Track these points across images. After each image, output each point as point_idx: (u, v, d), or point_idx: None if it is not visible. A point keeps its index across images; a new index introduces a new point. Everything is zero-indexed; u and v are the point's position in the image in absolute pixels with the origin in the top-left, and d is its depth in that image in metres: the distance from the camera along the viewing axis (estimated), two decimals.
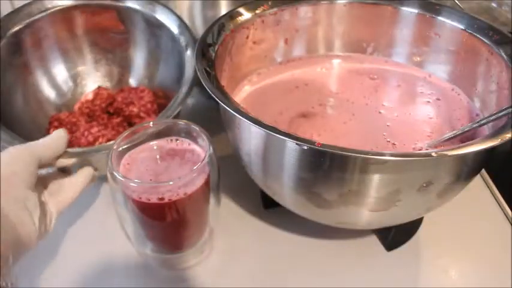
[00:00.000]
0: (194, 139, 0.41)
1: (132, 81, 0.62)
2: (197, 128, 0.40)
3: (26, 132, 0.48)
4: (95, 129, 0.54)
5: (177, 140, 0.41)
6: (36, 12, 0.56)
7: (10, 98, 0.54)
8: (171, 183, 0.36)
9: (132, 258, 0.46)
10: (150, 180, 0.38)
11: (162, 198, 0.37)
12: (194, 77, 0.50)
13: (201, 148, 0.40)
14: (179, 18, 0.56)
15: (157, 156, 0.40)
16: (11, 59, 0.55)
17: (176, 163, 0.39)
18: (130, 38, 0.61)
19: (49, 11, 0.57)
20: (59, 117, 0.56)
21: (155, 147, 0.41)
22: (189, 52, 0.53)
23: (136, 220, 0.40)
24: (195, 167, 0.37)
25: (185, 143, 0.41)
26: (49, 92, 0.59)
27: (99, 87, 0.61)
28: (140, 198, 0.37)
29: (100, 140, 0.52)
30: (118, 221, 0.44)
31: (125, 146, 0.40)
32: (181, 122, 0.40)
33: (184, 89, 0.49)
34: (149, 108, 0.57)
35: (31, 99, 0.57)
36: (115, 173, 0.37)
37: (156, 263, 0.45)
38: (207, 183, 0.39)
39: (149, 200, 0.37)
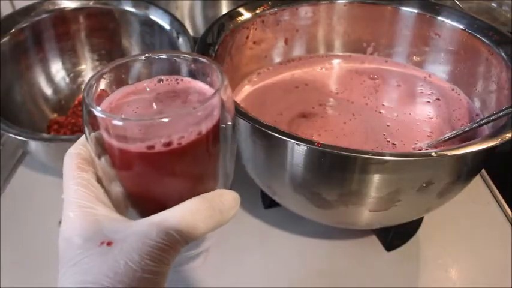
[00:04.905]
0: (201, 77, 0.29)
1: (129, 80, 0.63)
2: (205, 60, 0.28)
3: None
4: None
5: (177, 79, 0.29)
6: (37, 13, 0.57)
7: (8, 96, 0.54)
8: (167, 119, 0.24)
9: None
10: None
11: (169, 143, 0.25)
12: None
13: (211, 87, 0.28)
14: (171, 15, 0.57)
15: (152, 99, 0.28)
16: (11, 57, 0.55)
17: (177, 106, 0.28)
18: (126, 37, 0.62)
19: (50, 13, 0.58)
20: (57, 120, 0.57)
21: (148, 88, 0.29)
22: (181, 41, 0.55)
23: (120, 182, 0.29)
24: (203, 101, 0.25)
25: (189, 82, 0.29)
26: (47, 91, 0.59)
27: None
28: (137, 148, 0.25)
29: None
30: None
31: (106, 86, 0.28)
32: (185, 55, 0.29)
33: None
34: None
35: (29, 98, 0.57)
36: (93, 110, 0.24)
37: None
38: (217, 127, 0.28)
39: (150, 149, 0.25)
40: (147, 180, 0.28)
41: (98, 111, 0.24)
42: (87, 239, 0.24)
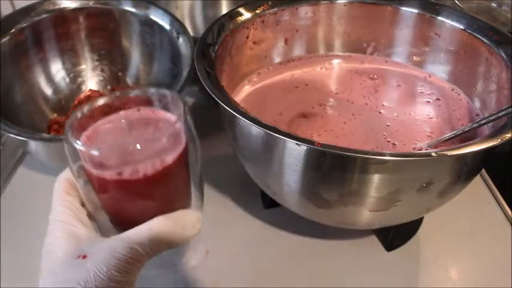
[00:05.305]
0: (168, 107, 0.34)
1: (129, 80, 0.63)
2: (169, 93, 0.33)
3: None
4: None
5: (146, 109, 0.34)
6: (37, 13, 0.57)
7: (8, 96, 0.54)
8: (138, 147, 0.29)
9: None
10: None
11: (136, 171, 0.30)
12: (191, 68, 0.51)
13: (177, 116, 0.33)
14: (171, 15, 0.57)
15: (126, 127, 0.33)
16: (11, 57, 0.55)
17: (150, 134, 0.32)
18: (126, 37, 0.62)
19: (50, 13, 0.58)
20: (57, 120, 0.57)
21: (123, 118, 0.33)
22: (181, 41, 0.55)
23: (105, 212, 0.33)
24: (165, 130, 0.30)
25: (159, 112, 0.34)
26: (47, 91, 0.59)
27: (90, 90, 0.62)
28: (108, 175, 0.30)
29: None
30: None
31: (85, 121, 0.32)
32: (151, 89, 0.34)
33: (181, 79, 0.50)
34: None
35: (29, 98, 0.57)
36: (74, 143, 0.29)
37: None
38: (184, 153, 0.32)
39: (120, 176, 0.29)
40: (121, 202, 0.32)
41: (78, 145, 0.29)
42: (67, 253, 0.29)
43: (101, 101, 0.33)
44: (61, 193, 0.32)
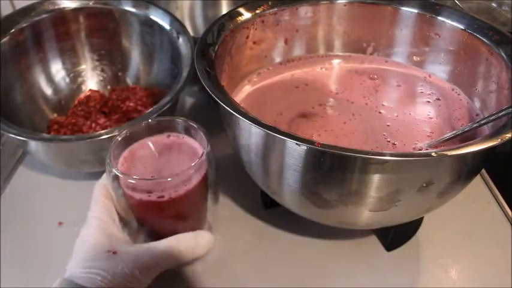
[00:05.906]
0: (192, 135, 0.41)
1: (129, 80, 0.63)
2: (195, 125, 0.40)
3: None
4: (102, 120, 0.55)
5: (174, 135, 0.42)
6: (37, 13, 0.57)
7: (8, 96, 0.54)
8: (169, 179, 0.36)
9: None
10: (152, 176, 0.38)
11: (162, 196, 0.37)
12: (191, 68, 0.51)
13: (199, 144, 0.41)
14: (171, 15, 0.57)
15: (156, 152, 0.40)
16: (11, 57, 0.55)
17: (175, 158, 0.40)
18: (126, 37, 0.62)
19: (50, 13, 0.58)
20: (57, 120, 0.57)
21: (153, 143, 0.41)
22: (181, 41, 0.55)
23: (133, 216, 0.41)
24: (193, 164, 0.37)
25: (183, 138, 0.41)
26: (47, 91, 0.60)
27: (90, 90, 0.62)
28: (139, 195, 0.37)
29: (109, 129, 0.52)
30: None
31: (123, 143, 0.40)
32: (180, 119, 0.41)
33: (181, 79, 0.50)
34: (145, 102, 0.58)
35: (29, 98, 0.57)
36: (114, 170, 0.37)
37: None
38: (204, 179, 0.39)
39: (149, 197, 0.37)
40: (146, 213, 0.40)
41: (117, 173, 0.36)
42: (98, 245, 0.35)
43: (136, 127, 0.40)
44: (99, 196, 0.39)
